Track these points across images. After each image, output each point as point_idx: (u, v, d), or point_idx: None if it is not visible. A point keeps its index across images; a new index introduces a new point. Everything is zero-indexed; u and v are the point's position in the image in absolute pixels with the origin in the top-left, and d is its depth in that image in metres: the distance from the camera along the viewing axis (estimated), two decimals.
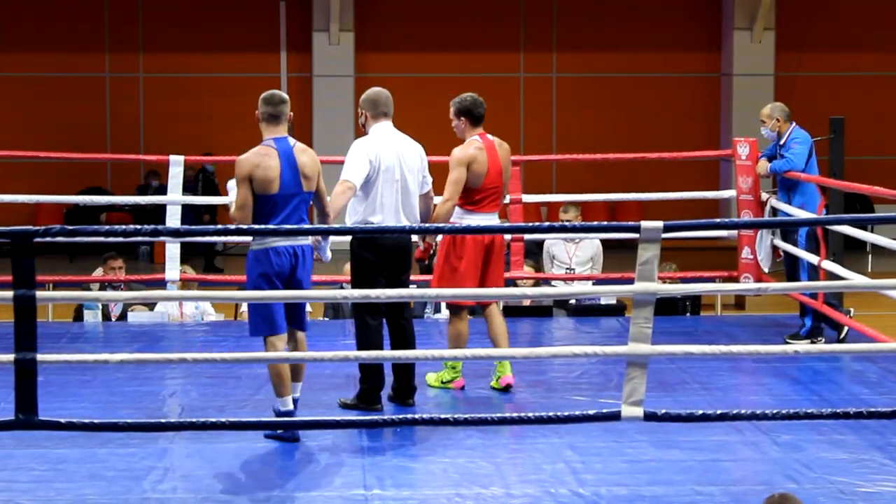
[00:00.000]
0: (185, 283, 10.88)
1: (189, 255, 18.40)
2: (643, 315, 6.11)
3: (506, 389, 8.23)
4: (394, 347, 7.88)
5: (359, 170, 7.68)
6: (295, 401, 7.27)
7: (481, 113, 8.26)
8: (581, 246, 11.83)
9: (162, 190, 19.58)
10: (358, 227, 7.50)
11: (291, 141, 7.28)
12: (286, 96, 7.35)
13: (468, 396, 8.13)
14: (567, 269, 11.70)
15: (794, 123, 9.96)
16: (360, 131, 8.11)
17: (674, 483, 6.52)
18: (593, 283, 11.45)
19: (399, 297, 7.21)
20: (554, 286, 11.27)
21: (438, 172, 8.18)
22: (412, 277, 8.44)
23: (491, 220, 8.18)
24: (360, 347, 7.78)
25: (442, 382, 8.32)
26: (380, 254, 7.74)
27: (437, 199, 8.12)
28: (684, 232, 7.17)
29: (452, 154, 8.09)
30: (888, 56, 21.05)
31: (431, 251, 8.42)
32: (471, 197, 8.12)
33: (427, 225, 7.84)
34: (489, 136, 8.23)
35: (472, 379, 8.49)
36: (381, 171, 7.71)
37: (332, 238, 7.49)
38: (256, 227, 7.08)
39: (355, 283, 7.80)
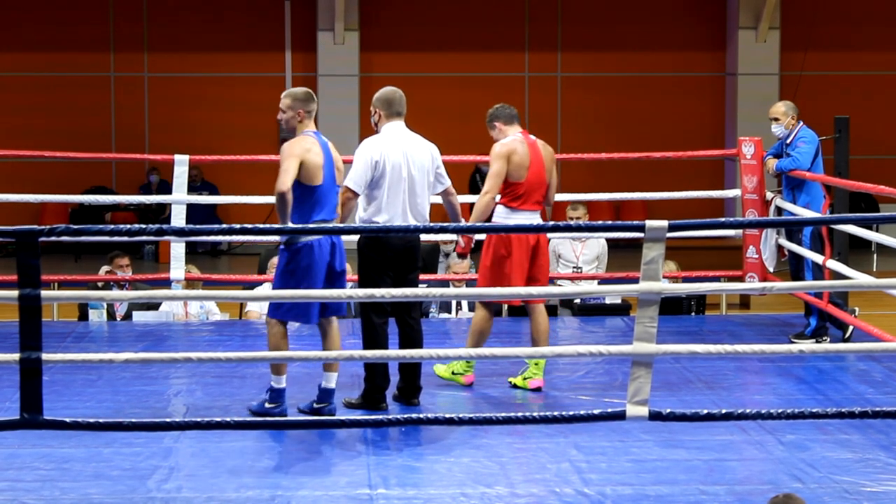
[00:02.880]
0: (189, 283, 10.89)
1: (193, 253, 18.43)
2: (648, 314, 6.11)
3: (534, 390, 8.23)
4: (402, 347, 7.87)
5: (361, 175, 7.70)
6: (331, 391, 7.52)
7: (510, 112, 8.39)
8: (588, 245, 11.83)
9: (163, 186, 19.67)
10: (364, 227, 7.50)
11: (323, 136, 7.53)
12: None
13: (472, 396, 8.13)
14: (574, 267, 11.70)
15: (801, 122, 9.97)
16: (366, 130, 8.15)
17: (679, 482, 6.51)
18: (598, 283, 11.45)
19: (404, 297, 7.21)
20: (560, 285, 11.27)
21: (448, 172, 8.16)
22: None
23: (533, 218, 8.20)
24: (365, 347, 7.78)
25: (452, 373, 8.31)
26: (387, 253, 7.74)
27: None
28: (689, 231, 7.16)
29: (493, 148, 8.22)
30: (893, 55, 21.04)
31: (472, 245, 8.46)
32: (515, 193, 8.16)
33: (433, 224, 7.84)
34: (531, 136, 8.33)
35: (477, 377, 8.48)
36: (388, 171, 7.71)
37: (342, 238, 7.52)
38: (261, 226, 7.04)
39: (362, 282, 7.81)
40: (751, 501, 6.22)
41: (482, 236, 8.47)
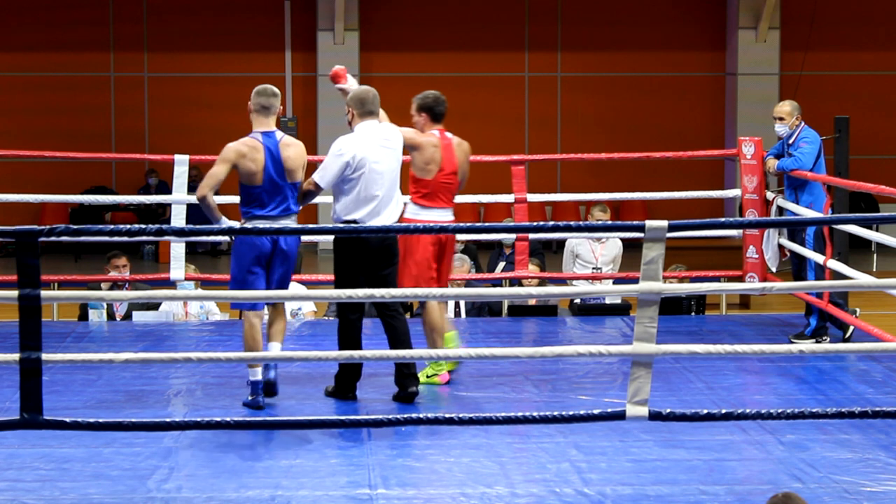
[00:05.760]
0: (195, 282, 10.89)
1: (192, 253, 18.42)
2: (648, 314, 6.11)
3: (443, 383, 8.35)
4: (389, 342, 7.92)
5: (329, 172, 7.81)
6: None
7: (442, 111, 8.41)
8: (607, 245, 11.87)
9: (162, 187, 19.67)
10: (337, 228, 7.55)
11: (279, 135, 7.80)
12: (277, 90, 7.90)
13: (473, 396, 8.12)
14: (593, 268, 11.73)
15: (802, 122, 9.97)
16: None
17: (679, 482, 6.51)
18: (614, 282, 11.47)
19: (381, 299, 7.19)
20: (574, 285, 11.27)
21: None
22: None
23: (444, 214, 8.31)
24: (339, 341, 7.88)
25: (427, 377, 8.34)
26: (363, 251, 7.80)
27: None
28: (689, 231, 7.16)
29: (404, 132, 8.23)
30: (893, 55, 21.04)
31: None
32: (420, 190, 8.27)
33: (406, 224, 7.86)
34: (448, 134, 8.41)
35: (477, 378, 8.48)
36: (361, 169, 7.77)
37: (318, 238, 7.57)
38: (261, 226, 7.34)
39: (337, 280, 7.87)
40: (751, 501, 6.22)
41: None
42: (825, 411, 6.74)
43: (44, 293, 5.96)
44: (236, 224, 7.77)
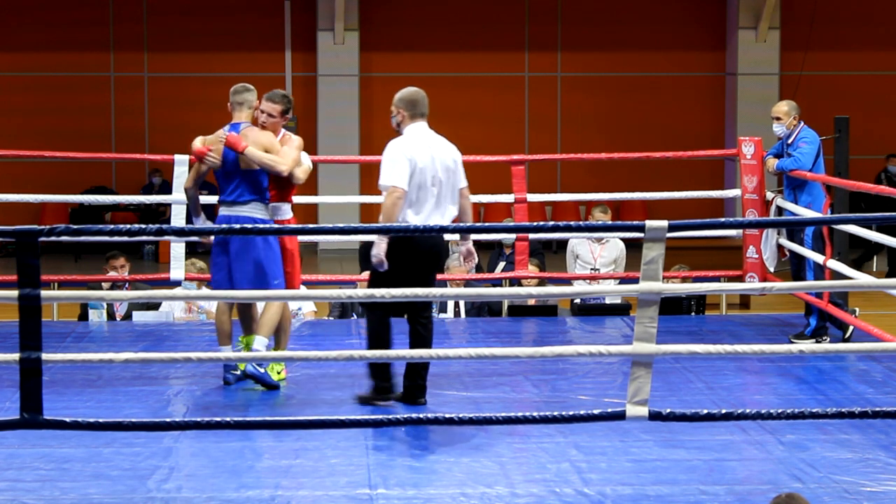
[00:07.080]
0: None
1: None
2: (648, 314, 6.11)
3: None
4: (412, 346, 7.83)
5: (401, 171, 7.62)
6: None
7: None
8: (607, 247, 11.87)
9: (165, 186, 19.68)
10: (328, 227, 7.35)
11: (244, 125, 8.23)
12: (249, 85, 8.31)
13: (473, 396, 8.12)
14: (592, 269, 11.73)
15: (802, 122, 9.97)
16: (366, 130, 8.13)
17: (679, 482, 6.51)
18: (620, 282, 11.48)
19: (381, 299, 7.11)
20: (572, 285, 11.29)
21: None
22: None
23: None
24: (369, 340, 7.78)
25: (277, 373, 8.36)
26: (413, 255, 7.67)
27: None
28: (689, 231, 7.16)
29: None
30: (893, 55, 21.04)
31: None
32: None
33: (405, 225, 7.62)
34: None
35: (476, 378, 8.48)
36: (417, 172, 7.67)
37: (337, 237, 7.55)
38: (261, 225, 7.39)
39: (375, 279, 7.74)
40: (751, 501, 6.22)
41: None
42: (825, 411, 6.74)
43: (44, 293, 5.96)
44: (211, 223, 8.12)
